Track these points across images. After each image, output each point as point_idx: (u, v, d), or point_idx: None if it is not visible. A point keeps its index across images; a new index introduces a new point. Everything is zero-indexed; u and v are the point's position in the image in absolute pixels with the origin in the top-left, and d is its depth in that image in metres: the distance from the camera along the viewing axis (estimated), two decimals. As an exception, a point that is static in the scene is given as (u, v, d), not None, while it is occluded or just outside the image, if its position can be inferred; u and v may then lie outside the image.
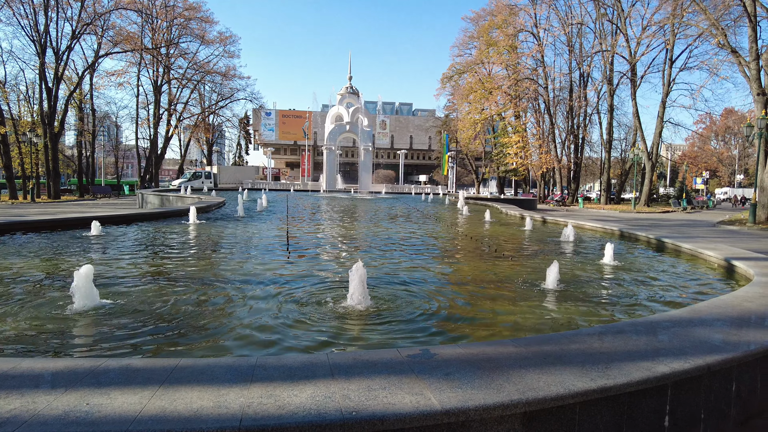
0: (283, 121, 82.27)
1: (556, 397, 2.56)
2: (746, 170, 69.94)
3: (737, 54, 28.80)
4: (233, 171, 58.89)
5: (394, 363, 2.91)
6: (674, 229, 20.00)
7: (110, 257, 8.06)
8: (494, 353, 3.15)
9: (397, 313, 5.10)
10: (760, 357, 3.49)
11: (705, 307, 4.61)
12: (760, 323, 4.18)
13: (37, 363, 2.92)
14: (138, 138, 53.63)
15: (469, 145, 56.09)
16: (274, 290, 5.95)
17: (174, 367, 2.80)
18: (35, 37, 37.23)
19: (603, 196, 49.50)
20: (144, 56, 49.05)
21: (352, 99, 43.92)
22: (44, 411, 2.23)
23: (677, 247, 10.09)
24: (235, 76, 57.79)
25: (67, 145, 62.62)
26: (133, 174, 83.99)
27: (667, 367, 2.95)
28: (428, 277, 7.19)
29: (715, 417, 3.30)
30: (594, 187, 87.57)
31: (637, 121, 45.23)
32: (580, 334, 3.69)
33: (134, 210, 23.85)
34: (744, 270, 7.18)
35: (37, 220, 12.22)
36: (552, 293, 6.16)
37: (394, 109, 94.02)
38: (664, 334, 3.70)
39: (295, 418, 2.21)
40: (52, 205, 31.43)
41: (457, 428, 2.41)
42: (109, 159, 74.58)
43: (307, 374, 2.71)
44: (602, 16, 46.26)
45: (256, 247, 9.67)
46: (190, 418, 2.19)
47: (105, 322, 4.56)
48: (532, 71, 51.01)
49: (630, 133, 56.77)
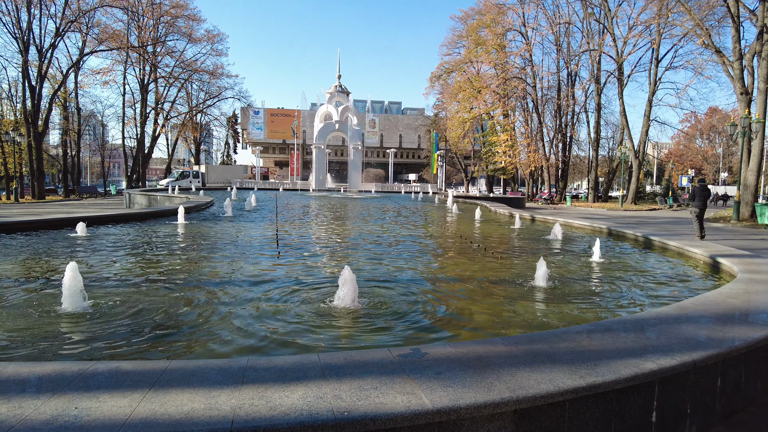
0: (272, 120, 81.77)
1: (546, 395, 2.58)
2: (730, 168, 71.01)
3: (721, 54, 29.25)
4: (221, 170, 58.41)
5: (385, 363, 2.92)
6: (661, 226, 20.27)
7: (97, 258, 7.96)
8: (485, 352, 3.18)
9: (388, 312, 5.10)
10: (744, 353, 3.56)
11: (691, 304, 4.69)
12: (744, 319, 4.26)
13: (23, 367, 2.87)
14: (125, 137, 52.93)
15: (458, 144, 56.27)
16: (265, 290, 5.92)
17: (164, 369, 2.78)
18: (18, 34, 36.49)
19: (591, 194, 49.98)
20: (130, 54, 48.33)
21: (341, 98, 43.82)
22: (32, 416, 2.20)
23: (664, 245, 10.23)
24: (223, 75, 57.25)
25: (52, 145, 61.47)
26: (120, 173, 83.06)
27: (655, 364, 3.00)
28: (417, 276, 7.21)
29: (701, 412, 3.36)
30: (582, 185, 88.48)
31: (624, 120, 45.78)
32: (569, 332, 3.73)
33: (121, 210, 23.56)
34: (728, 267, 7.31)
35: (21, 221, 12.00)
36: (541, 291, 6.21)
37: (384, 108, 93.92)
38: (652, 331, 3.76)
39: (287, 419, 2.20)
40: (37, 206, 30.92)
41: (448, 427, 2.43)
42: (95, 158, 73.54)
43: (298, 375, 2.71)
44: (589, 16, 46.70)
45: (244, 247, 9.61)
46: (180, 420, 2.17)
47: (93, 324, 4.50)
48: (520, 70, 51.35)
49: (617, 131, 57.50)
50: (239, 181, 46.90)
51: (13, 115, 42.92)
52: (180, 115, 58.43)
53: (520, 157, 50.35)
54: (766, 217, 21.77)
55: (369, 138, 74.81)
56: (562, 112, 50.18)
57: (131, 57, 49.09)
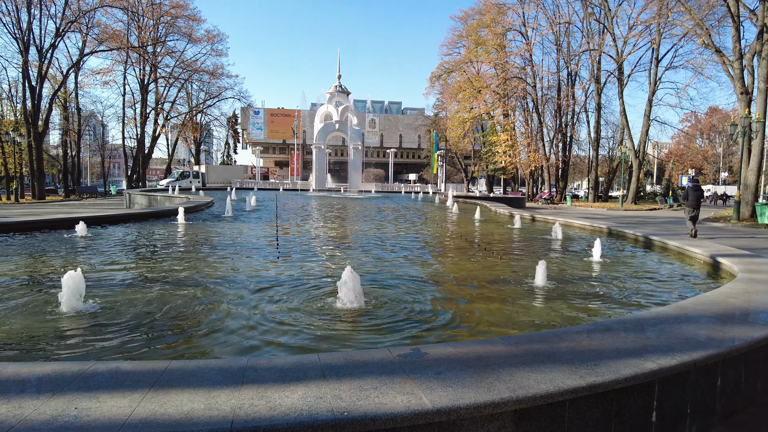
0: (272, 120, 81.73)
1: (546, 395, 2.58)
2: (730, 168, 70.98)
3: (721, 53, 29.24)
4: (222, 170, 58.48)
5: (385, 363, 2.92)
6: (661, 226, 20.27)
7: (97, 258, 7.96)
8: (484, 352, 3.17)
9: (389, 312, 5.10)
10: (744, 353, 3.56)
11: (691, 303, 4.68)
12: (744, 319, 4.25)
13: (23, 367, 2.87)
14: (125, 137, 52.88)
15: (458, 144, 56.25)
16: (265, 290, 5.93)
17: (164, 369, 2.78)
18: (18, 34, 36.47)
19: (591, 194, 49.96)
20: (130, 54, 48.33)
21: (341, 98, 43.81)
22: (32, 416, 2.20)
23: (664, 245, 10.23)
24: (223, 75, 57.27)
25: (52, 145, 61.43)
26: (120, 174, 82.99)
27: (655, 364, 3.00)
28: (417, 275, 7.20)
29: (700, 412, 3.36)
30: (582, 185, 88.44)
31: (624, 120, 45.78)
32: (569, 332, 3.73)
33: (121, 210, 23.56)
34: (729, 266, 7.31)
35: (21, 221, 12.00)
36: (541, 291, 6.21)
37: (384, 108, 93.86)
38: (652, 331, 3.76)
39: (287, 419, 2.20)
40: (37, 206, 30.93)
41: (448, 427, 2.43)
42: (95, 159, 73.50)
43: (298, 375, 2.71)
44: (589, 16, 46.69)
45: (244, 247, 9.61)
46: (180, 420, 2.18)
47: (93, 325, 4.50)
48: (520, 70, 51.32)
49: (617, 131, 57.50)
50: (239, 181, 46.92)
51: (14, 115, 42.87)
52: (180, 115, 58.44)
53: (520, 157, 50.34)
54: (766, 217, 21.76)
55: (369, 138, 74.78)
56: (562, 112, 50.19)
57: (131, 57, 49.10)
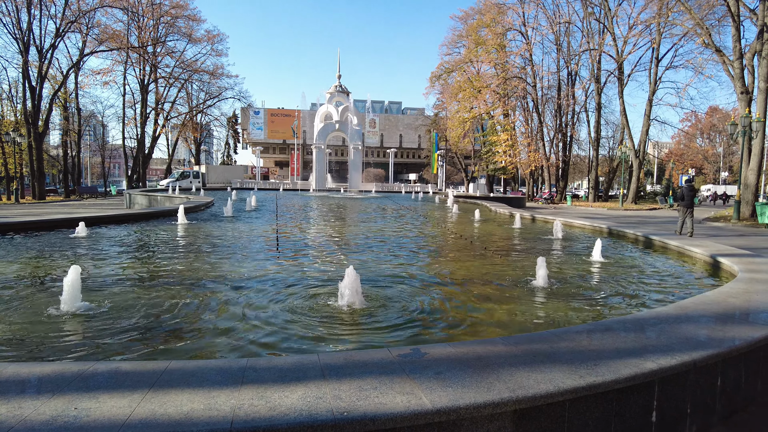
0: (272, 120, 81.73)
1: (546, 395, 2.58)
2: (731, 167, 70.95)
3: (721, 53, 29.23)
4: (222, 170, 58.46)
5: (385, 363, 2.92)
6: (661, 226, 20.27)
7: (97, 259, 7.96)
8: (484, 352, 3.17)
9: (390, 312, 5.10)
10: (744, 352, 3.55)
11: (691, 303, 4.68)
12: (744, 319, 4.25)
13: (23, 367, 2.87)
14: (125, 137, 52.92)
15: (459, 144, 56.26)
16: (265, 291, 5.92)
17: (164, 369, 2.78)
18: (18, 34, 36.51)
19: (591, 193, 49.96)
20: (130, 55, 48.36)
21: (341, 98, 43.82)
22: (31, 416, 2.20)
23: (664, 245, 10.22)
24: (223, 75, 57.31)
25: (52, 145, 61.48)
26: (120, 174, 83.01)
27: (655, 364, 3.00)
28: (417, 275, 7.20)
29: (701, 412, 3.36)
30: (582, 185, 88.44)
31: (624, 119, 45.79)
32: (569, 332, 3.72)
33: (122, 210, 23.56)
34: (729, 266, 7.30)
35: (21, 221, 12.00)
36: (541, 290, 6.21)
37: (384, 108, 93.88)
38: (652, 330, 3.75)
39: (287, 419, 2.20)
40: (37, 206, 30.94)
41: (448, 427, 2.43)
42: (95, 159, 73.52)
43: (298, 375, 2.71)
44: (589, 15, 46.70)
45: (244, 247, 9.61)
46: (180, 421, 2.18)
47: (93, 325, 4.50)
48: (520, 70, 51.33)
49: (617, 131, 57.52)
50: (239, 181, 46.90)
51: (14, 115, 42.93)
52: (180, 115, 58.46)
53: (520, 157, 50.35)
54: (766, 217, 21.76)
55: (369, 138, 74.78)
56: (562, 112, 50.19)
57: (131, 57, 49.13)
